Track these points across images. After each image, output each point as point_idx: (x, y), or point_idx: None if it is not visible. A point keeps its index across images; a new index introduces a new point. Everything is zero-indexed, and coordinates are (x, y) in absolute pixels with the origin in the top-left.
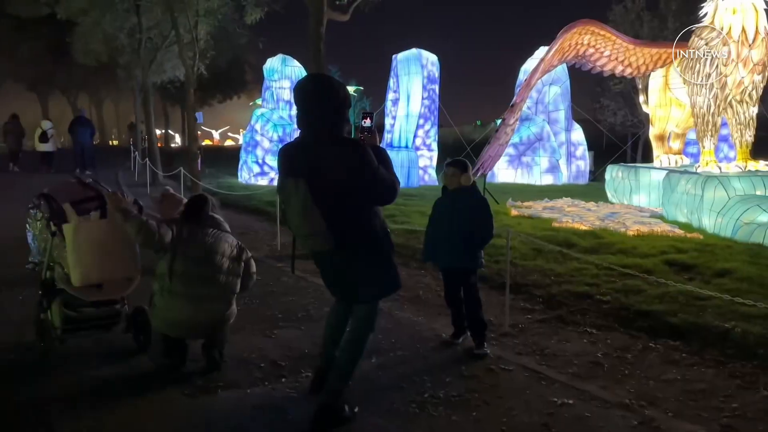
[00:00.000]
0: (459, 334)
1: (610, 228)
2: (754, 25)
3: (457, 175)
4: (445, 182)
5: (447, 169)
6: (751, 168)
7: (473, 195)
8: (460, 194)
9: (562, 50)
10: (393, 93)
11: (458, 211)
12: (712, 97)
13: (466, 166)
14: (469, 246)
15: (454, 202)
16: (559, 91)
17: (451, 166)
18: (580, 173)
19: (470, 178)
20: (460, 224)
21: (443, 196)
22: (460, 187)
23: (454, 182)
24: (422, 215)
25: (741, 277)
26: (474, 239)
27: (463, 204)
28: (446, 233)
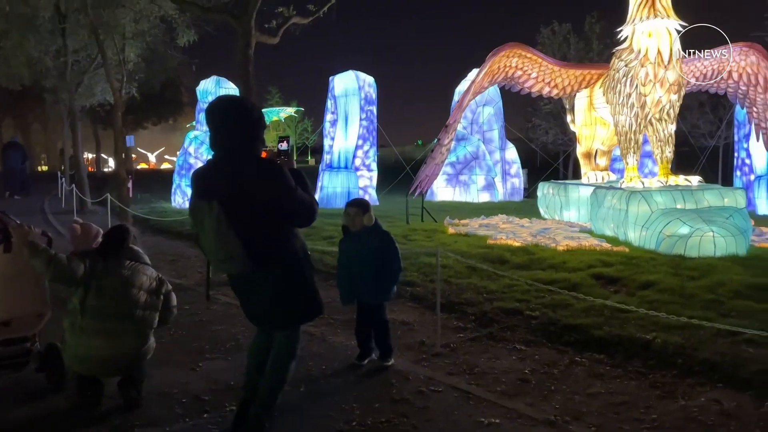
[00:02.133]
0: (365, 356)
1: (542, 244)
2: (669, 47)
3: (359, 215)
4: (347, 223)
5: (348, 209)
6: (671, 183)
7: (378, 234)
8: (365, 234)
9: (491, 72)
10: (331, 114)
11: (365, 252)
12: (633, 116)
13: (368, 206)
14: (386, 282)
15: (360, 243)
16: (493, 112)
17: (352, 206)
18: (515, 190)
19: (372, 218)
20: (369, 264)
21: (347, 238)
22: (364, 227)
23: (357, 223)
24: None
25: (663, 288)
26: (385, 277)
27: (369, 244)
28: (357, 275)
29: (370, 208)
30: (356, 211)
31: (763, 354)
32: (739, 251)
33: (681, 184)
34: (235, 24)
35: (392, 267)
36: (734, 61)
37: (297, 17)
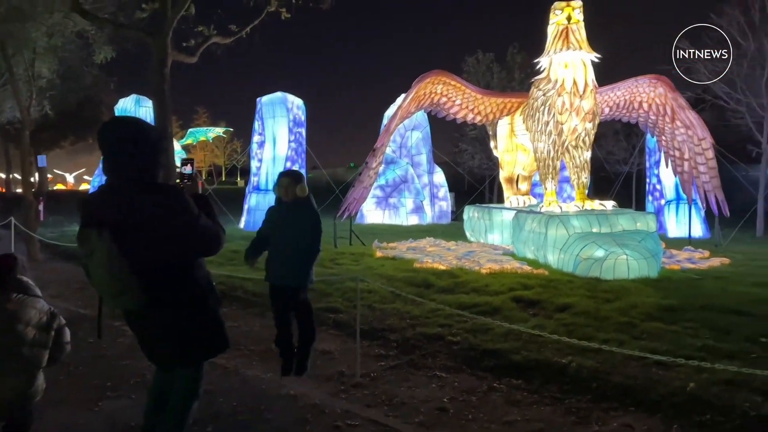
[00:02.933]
0: (288, 369)
1: (467, 267)
2: (584, 78)
3: (291, 185)
4: (280, 193)
5: (281, 179)
6: (588, 207)
7: (307, 209)
8: (295, 207)
9: (417, 98)
10: (258, 136)
11: (293, 223)
12: (551, 143)
13: (301, 176)
14: (303, 262)
15: (287, 213)
16: (421, 136)
17: (286, 176)
18: (442, 213)
19: (305, 189)
20: (295, 238)
21: (276, 207)
22: (296, 198)
23: (290, 193)
24: None
25: (579, 311)
26: (308, 254)
27: (295, 217)
28: (280, 247)
29: (303, 179)
30: (289, 182)
31: (671, 376)
32: (651, 273)
33: (596, 208)
34: (150, 42)
35: (311, 246)
36: (644, 93)
37: (217, 37)
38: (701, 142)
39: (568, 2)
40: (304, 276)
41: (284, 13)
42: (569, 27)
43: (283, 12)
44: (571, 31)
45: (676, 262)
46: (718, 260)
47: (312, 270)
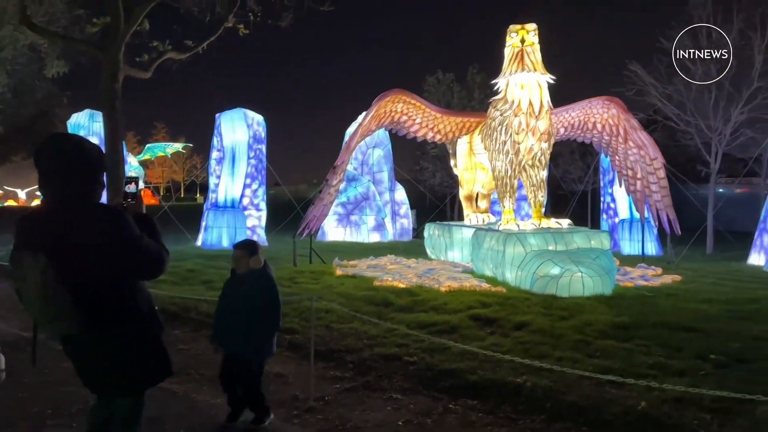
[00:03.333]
0: (237, 416)
1: (426, 285)
2: (539, 99)
3: (245, 257)
4: (234, 265)
5: (235, 251)
6: (544, 225)
7: (263, 280)
8: (250, 278)
9: (378, 116)
10: (217, 152)
11: (245, 296)
12: (508, 162)
13: (255, 248)
14: (257, 335)
15: (242, 286)
16: (383, 154)
17: (239, 248)
18: (404, 230)
19: (260, 261)
20: (249, 310)
21: (231, 280)
22: (250, 270)
23: (243, 265)
24: None
25: (535, 329)
26: (260, 328)
27: (251, 289)
28: (235, 318)
29: (258, 250)
30: (242, 253)
31: (624, 395)
32: (605, 291)
33: (552, 226)
34: (101, 56)
35: (269, 320)
36: (598, 114)
37: (173, 52)
38: (653, 162)
39: (522, 25)
40: (260, 349)
41: (242, 29)
42: (524, 49)
43: (241, 28)
44: (526, 53)
45: (629, 279)
46: (670, 277)
47: (272, 344)
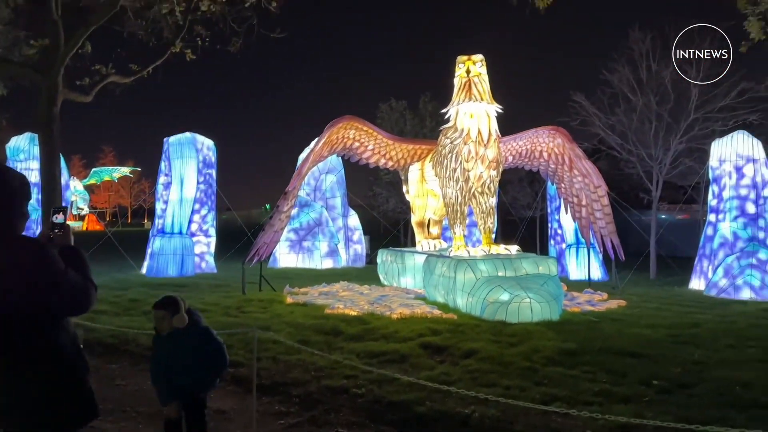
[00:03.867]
0: None
1: (378, 312)
2: (488, 128)
3: (167, 318)
4: (156, 326)
5: (155, 311)
6: (494, 252)
7: (196, 333)
8: (179, 336)
9: (330, 142)
10: (165, 176)
11: (181, 355)
12: (459, 189)
13: (177, 306)
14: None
15: (175, 345)
16: (336, 179)
17: (160, 308)
18: (357, 256)
19: (184, 318)
20: (187, 368)
21: (159, 338)
22: (175, 329)
23: (166, 327)
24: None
25: (484, 356)
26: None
27: (185, 346)
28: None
29: (180, 307)
30: (163, 315)
31: (571, 424)
32: (553, 316)
33: (502, 252)
34: (39, 79)
35: (215, 367)
36: (544, 143)
37: (116, 76)
38: (597, 190)
39: (469, 56)
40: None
41: (189, 54)
42: (471, 79)
43: (188, 53)
44: (473, 83)
45: (576, 305)
46: (615, 302)
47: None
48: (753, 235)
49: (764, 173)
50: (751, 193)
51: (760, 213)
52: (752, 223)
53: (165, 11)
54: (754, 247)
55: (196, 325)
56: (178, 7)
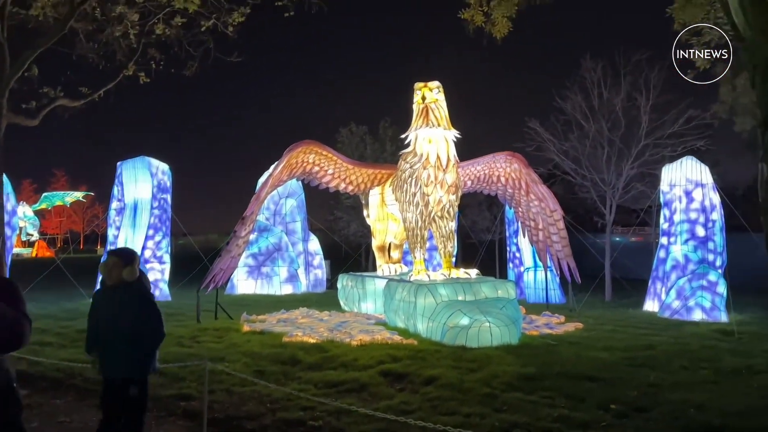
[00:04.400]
0: None
1: (337, 339)
2: (446, 153)
3: (117, 266)
4: (103, 274)
5: (108, 258)
6: (454, 276)
7: (138, 294)
8: (123, 291)
9: (289, 167)
10: (117, 202)
11: (121, 311)
12: (419, 213)
13: (132, 257)
14: (137, 353)
15: (115, 301)
16: (296, 204)
17: (113, 255)
18: (318, 281)
19: (135, 272)
20: (124, 327)
21: (102, 292)
22: (122, 282)
23: (115, 276)
24: None
25: (445, 383)
26: (142, 344)
27: (125, 306)
28: (110, 337)
29: (135, 260)
30: (115, 262)
31: None
32: (512, 340)
33: (462, 276)
34: None
35: (151, 337)
36: (501, 168)
37: (65, 99)
38: (553, 214)
39: (425, 83)
40: (142, 367)
41: (143, 77)
42: (428, 105)
43: (142, 76)
44: (430, 110)
45: (535, 328)
46: (572, 325)
47: (154, 358)
48: (703, 258)
49: (712, 197)
50: (701, 216)
51: (710, 236)
52: (702, 245)
53: (118, 34)
54: (704, 269)
55: (142, 287)
56: (132, 30)
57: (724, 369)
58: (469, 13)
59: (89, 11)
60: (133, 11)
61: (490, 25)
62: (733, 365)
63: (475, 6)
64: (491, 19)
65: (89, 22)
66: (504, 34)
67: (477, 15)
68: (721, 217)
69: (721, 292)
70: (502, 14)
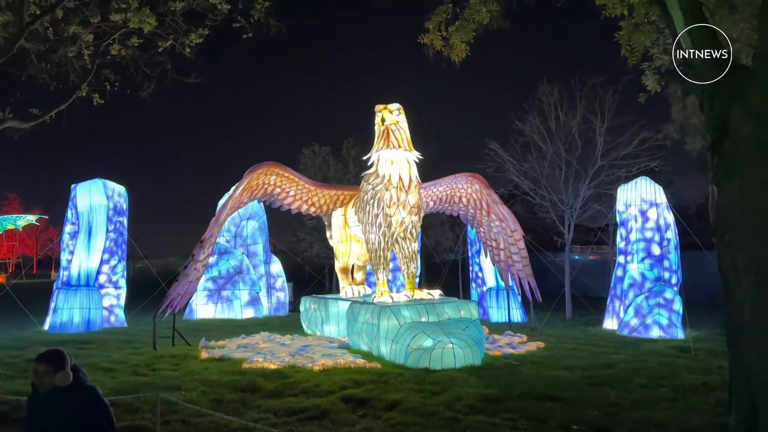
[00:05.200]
0: None
1: (299, 365)
2: (408, 174)
3: (48, 374)
4: (35, 381)
5: (36, 365)
6: (417, 297)
7: (78, 396)
8: (59, 397)
9: (250, 188)
10: (71, 225)
11: (58, 420)
12: (381, 234)
13: (63, 361)
14: None
15: (52, 407)
16: (257, 225)
17: (42, 362)
18: (280, 305)
19: (68, 376)
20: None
21: (36, 398)
22: (56, 388)
23: (47, 383)
24: (102, 371)
25: (407, 407)
26: None
27: (65, 411)
28: None
29: (66, 363)
30: (45, 369)
31: None
32: (475, 361)
33: (425, 297)
34: None
35: None
36: (462, 188)
37: (14, 121)
38: (513, 234)
39: (386, 105)
40: None
41: (97, 98)
42: (388, 127)
43: (96, 97)
44: (391, 131)
45: (498, 348)
46: (534, 344)
47: None
48: (659, 276)
49: (666, 216)
50: (656, 235)
51: (665, 254)
52: (658, 264)
53: (72, 54)
54: (661, 287)
55: (80, 385)
56: (86, 50)
57: (682, 386)
58: (428, 38)
59: (41, 31)
60: (87, 31)
61: (448, 50)
62: (691, 382)
63: (433, 31)
64: (450, 43)
65: (41, 42)
66: (462, 58)
67: (436, 40)
68: (675, 235)
69: (677, 310)
70: (460, 39)
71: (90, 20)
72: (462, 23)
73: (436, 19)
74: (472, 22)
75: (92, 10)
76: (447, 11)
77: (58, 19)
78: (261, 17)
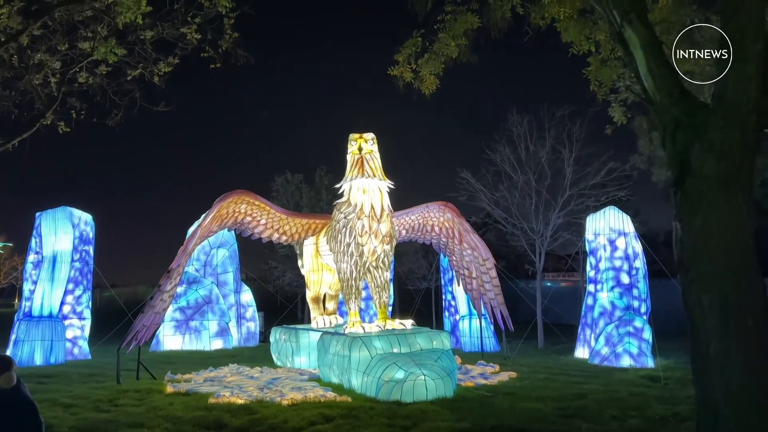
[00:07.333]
0: None
1: (267, 399)
2: (380, 203)
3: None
4: None
5: None
6: (389, 327)
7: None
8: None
9: (220, 217)
10: (35, 254)
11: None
12: (353, 263)
13: (9, 364)
14: None
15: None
16: (228, 254)
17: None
18: (250, 335)
19: (12, 378)
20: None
21: None
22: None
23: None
24: (62, 407)
25: None
26: None
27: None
28: None
29: (11, 367)
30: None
31: None
32: (447, 393)
33: (397, 327)
34: None
35: None
36: (434, 217)
37: None
38: (485, 262)
39: (361, 134)
40: None
41: (62, 126)
42: (363, 156)
43: (61, 125)
44: (365, 160)
45: (470, 379)
46: (507, 374)
47: None
48: (629, 304)
49: (635, 246)
50: (625, 264)
51: (634, 283)
52: (627, 292)
53: (37, 82)
54: (630, 316)
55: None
56: (52, 78)
57: (653, 417)
58: (399, 70)
59: (6, 58)
60: (54, 59)
61: (418, 82)
62: (661, 413)
63: (403, 63)
64: (419, 76)
65: (6, 70)
66: (432, 90)
67: (406, 72)
68: (643, 264)
69: (647, 338)
70: (430, 72)
71: (57, 47)
72: (431, 56)
73: (406, 52)
74: (441, 55)
75: (59, 38)
76: (416, 44)
77: (24, 46)
78: (229, 48)
